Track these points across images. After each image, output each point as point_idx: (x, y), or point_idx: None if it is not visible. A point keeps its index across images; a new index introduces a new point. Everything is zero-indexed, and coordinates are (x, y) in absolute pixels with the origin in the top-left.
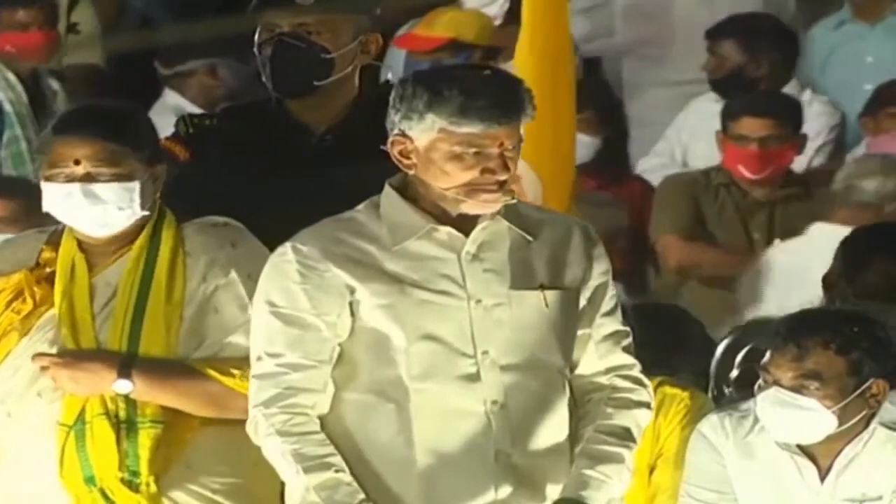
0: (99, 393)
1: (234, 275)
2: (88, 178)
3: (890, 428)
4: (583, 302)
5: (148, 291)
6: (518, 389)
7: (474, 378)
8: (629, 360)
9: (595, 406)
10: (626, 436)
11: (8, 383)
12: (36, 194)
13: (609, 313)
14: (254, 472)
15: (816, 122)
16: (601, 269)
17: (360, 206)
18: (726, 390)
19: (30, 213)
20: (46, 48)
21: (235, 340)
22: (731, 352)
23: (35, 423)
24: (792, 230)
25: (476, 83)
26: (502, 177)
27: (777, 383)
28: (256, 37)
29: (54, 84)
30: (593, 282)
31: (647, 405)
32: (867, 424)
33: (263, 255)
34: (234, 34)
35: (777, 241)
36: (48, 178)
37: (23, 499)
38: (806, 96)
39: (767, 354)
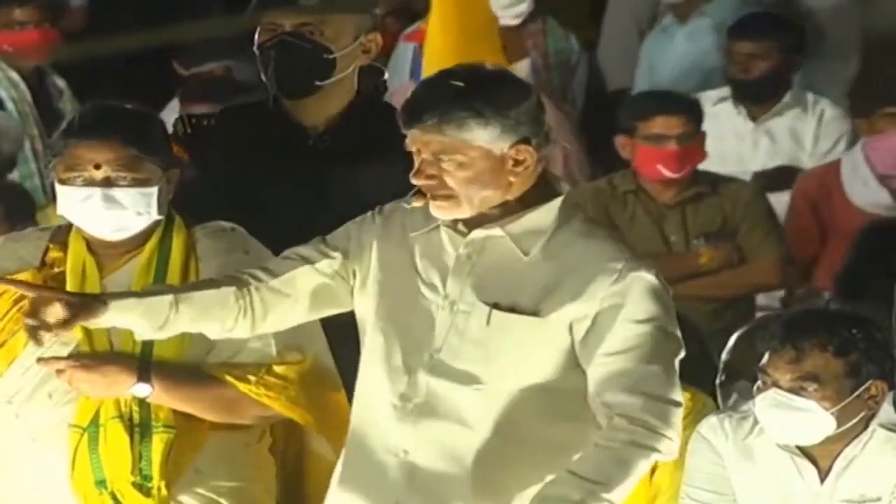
0: (115, 396)
1: None
2: (108, 182)
3: (889, 429)
4: (579, 334)
5: None
6: (436, 396)
7: (406, 372)
8: (633, 399)
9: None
10: (590, 479)
11: (17, 383)
12: (16, 198)
13: (619, 353)
14: (255, 475)
15: (828, 127)
16: (608, 306)
17: None
18: (739, 380)
19: (10, 217)
20: (44, 47)
21: (251, 344)
22: (743, 342)
23: (44, 424)
24: (705, 229)
25: (422, 87)
26: (414, 180)
27: (776, 385)
28: (257, 36)
29: (60, 82)
30: (591, 318)
31: (643, 445)
32: (866, 426)
33: None
34: (247, 35)
35: (695, 241)
36: (64, 181)
37: (29, 500)
38: (811, 99)
39: (766, 356)
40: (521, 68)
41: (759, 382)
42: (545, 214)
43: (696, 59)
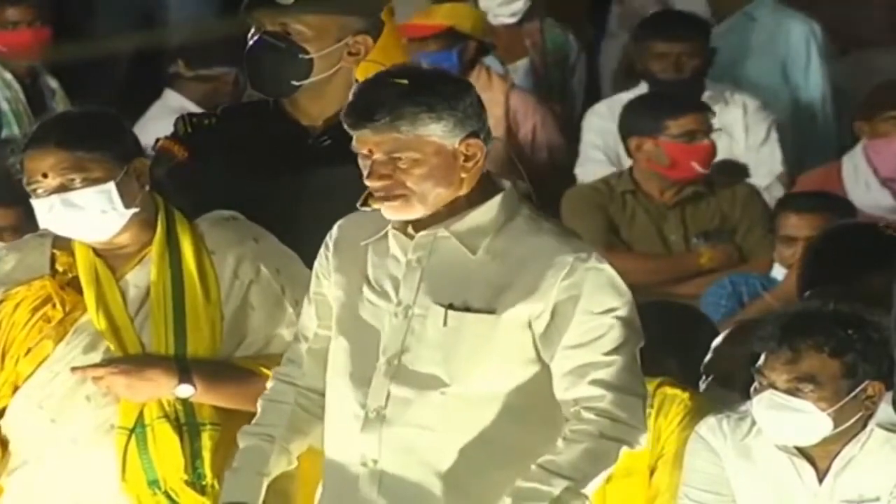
0: (157, 398)
1: (264, 270)
2: (62, 187)
3: (888, 429)
4: (540, 330)
5: (182, 292)
6: (400, 402)
7: (366, 382)
8: (597, 391)
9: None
10: (560, 472)
11: (46, 389)
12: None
13: (579, 346)
14: (290, 471)
15: (756, 117)
16: (564, 299)
17: None
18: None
19: (28, 219)
20: (37, 46)
21: (280, 333)
22: (728, 344)
23: (83, 427)
24: (704, 228)
25: (365, 87)
26: (369, 183)
27: (772, 386)
28: (249, 36)
29: (52, 82)
30: (548, 313)
31: (611, 437)
32: (864, 426)
33: (284, 249)
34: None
35: (694, 240)
36: (32, 196)
37: (70, 500)
38: (727, 93)
39: (762, 357)
40: (519, 67)
41: (755, 383)
42: (488, 212)
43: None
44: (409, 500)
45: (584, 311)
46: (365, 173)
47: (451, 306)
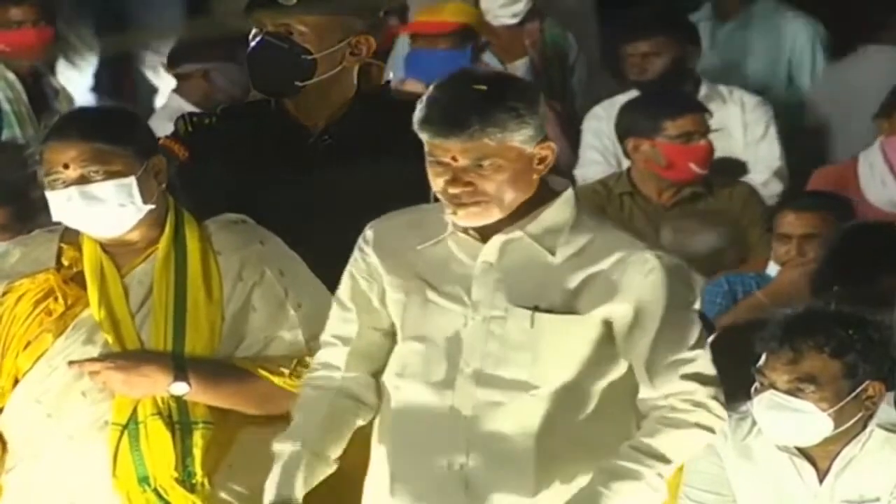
0: (153, 395)
1: (268, 272)
2: (82, 179)
3: (887, 429)
4: (622, 328)
5: (185, 290)
6: (489, 405)
7: (449, 385)
8: (691, 385)
9: (645, 423)
10: (653, 454)
11: (44, 383)
12: (25, 200)
13: (666, 341)
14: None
15: (755, 114)
16: (647, 297)
17: None
18: None
19: (20, 219)
20: (40, 46)
21: (280, 335)
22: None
23: (79, 422)
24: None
25: (443, 94)
26: (451, 190)
27: (773, 386)
28: (251, 36)
29: (56, 83)
30: (632, 311)
31: (705, 427)
32: (865, 426)
33: (289, 253)
34: (234, 38)
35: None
36: (48, 187)
37: (67, 495)
38: (725, 90)
39: (763, 357)
40: (518, 67)
41: (756, 384)
42: (562, 210)
43: (732, 60)
44: (497, 500)
45: (668, 308)
46: (442, 179)
47: (536, 308)
